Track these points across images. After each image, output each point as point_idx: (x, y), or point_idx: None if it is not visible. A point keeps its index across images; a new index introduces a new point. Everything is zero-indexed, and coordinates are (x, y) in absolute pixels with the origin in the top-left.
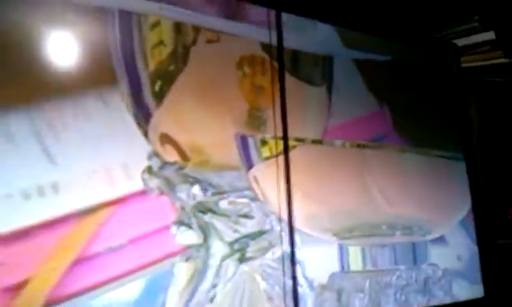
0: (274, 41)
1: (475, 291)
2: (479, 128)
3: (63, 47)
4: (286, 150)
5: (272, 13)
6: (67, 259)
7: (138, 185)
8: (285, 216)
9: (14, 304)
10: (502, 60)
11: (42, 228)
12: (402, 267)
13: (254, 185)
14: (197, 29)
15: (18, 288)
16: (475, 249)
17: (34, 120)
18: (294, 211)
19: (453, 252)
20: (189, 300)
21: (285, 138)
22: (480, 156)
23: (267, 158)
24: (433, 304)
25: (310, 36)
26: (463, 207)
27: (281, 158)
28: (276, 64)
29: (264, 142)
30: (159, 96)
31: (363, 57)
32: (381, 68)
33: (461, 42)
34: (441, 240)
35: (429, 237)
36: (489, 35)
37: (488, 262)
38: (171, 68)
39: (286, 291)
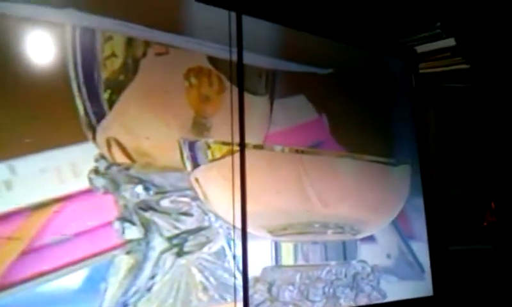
0: (234, 58)
1: (404, 286)
2: (437, 133)
3: (23, 54)
4: (242, 154)
5: (233, 30)
6: (17, 249)
7: (85, 184)
8: (228, 215)
9: None
10: (462, 66)
11: None
12: (332, 263)
13: (195, 186)
14: (147, 43)
15: None
16: (405, 248)
17: None
18: (234, 209)
19: (383, 250)
20: (128, 289)
21: (241, 144)
22: (436, 162)
23: (210, 161)
24: (361, 298)
25: (255, 51)
26: (394, 209)
27: (225, 161)
28: (221, 75)
29: (207, 147)
30: (109, 103)
31: (304, 70)
32: (321, 80)
33: (423, 48)
34: (371, 239)
35: (360, 236)
36: (450, 42)
37: (438, 265)
38: (121, 78)
39: (220, 282)
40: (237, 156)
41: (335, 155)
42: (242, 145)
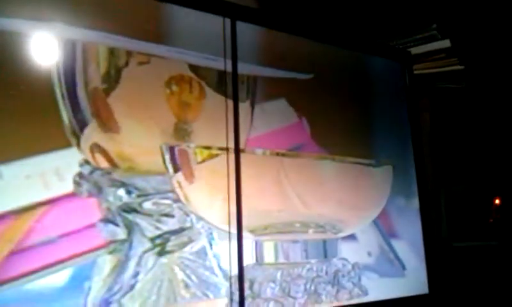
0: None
1: (385, 283)
2: (431, 132)
3: (10, 64)
4: (237, 159)
5: (228, 41)
6: (4, 250)
7: (69, 188)
8: (209, 217)
9: None
10: (457, 67)
11: None
12: (313, 261)
13: (177, 189)
14: (129, 53)
15: None
16: (386, 246)
17: None
18: (216, 212)
19: (363, 248)
20: (112, 287)
21: (236, 149)
22: (431, 161)
23: (192, 165)
24: (342, 294)
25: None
26: (375, 209)
27: (206, 165)
28: (202, 82)
29: (189, 151)
30: (92, 111)
31: (286, 76)
32: (303, 84)
33: (418, 50)
34: (352, 237)
35: (341, 235)
36: (446, 43)
37: (434, 262)
38: (104, 86)
39: (202, 280)
40: (216, 160)
41: (315, 157)
42: (237, 150)
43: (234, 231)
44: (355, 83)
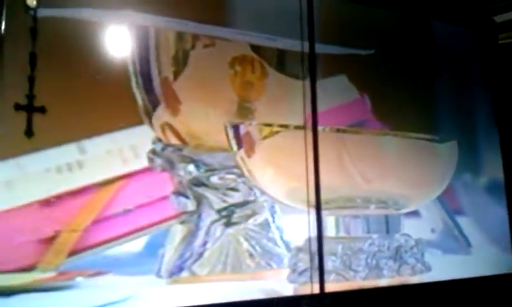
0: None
1: (448, 260)
2: None
3: (91, 50)
4: (315, 134)
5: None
6: (88, 219)
7: (144, 164)
8: (271, 191)
9: (47, 251)
10: None
11: (70, 195)
12: (374, 236)
13: (241, 164)
14: (195, 36)
15: (51, 239)
16: (451, 222)
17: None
18: (278, 187)
19: (427, 224)
20: (183, 254)
21: (314, 127)
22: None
23: (255, 142)
24: (404, 269)
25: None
26: (439, 185)
27: (268, 142)
28: (264, 62)
29: (252, 129)
30: (163, 93)
31: (346, 52)
32: (363, 60)
33: (500, 18)
34: (415, 213)
35: (404, 211)
36: None
37: None
38: (173, 69)
39: (266, 251)
40: (277, 137)
41: (376, 133)
42: (315, 128)
43: (294, 204)
44: (421, 55)
